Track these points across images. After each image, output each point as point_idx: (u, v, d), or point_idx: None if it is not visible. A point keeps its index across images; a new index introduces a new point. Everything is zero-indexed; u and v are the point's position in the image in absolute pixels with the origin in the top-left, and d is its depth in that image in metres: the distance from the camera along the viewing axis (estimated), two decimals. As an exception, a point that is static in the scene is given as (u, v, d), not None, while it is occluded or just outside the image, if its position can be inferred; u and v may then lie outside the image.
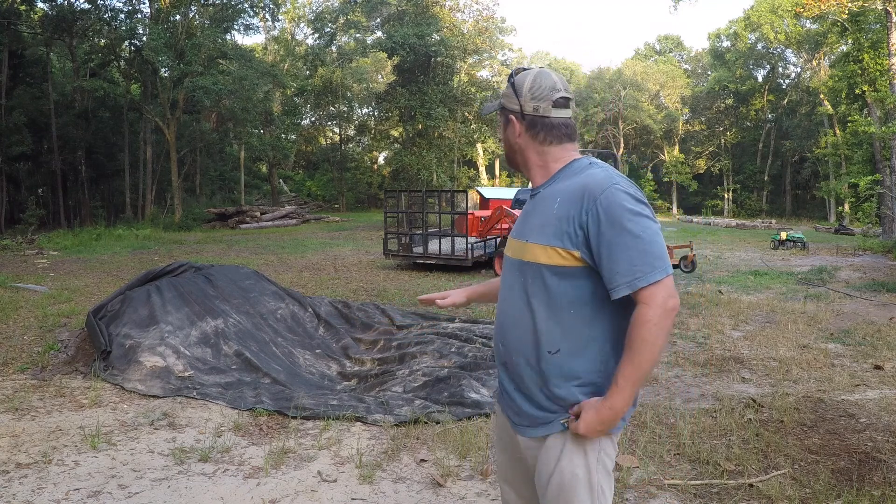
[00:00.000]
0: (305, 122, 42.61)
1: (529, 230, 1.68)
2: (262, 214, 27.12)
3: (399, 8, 28.10)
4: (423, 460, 3.63)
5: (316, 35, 32.15)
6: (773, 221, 35.43)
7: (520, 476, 1.83)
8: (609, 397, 1.54)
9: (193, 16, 27.12)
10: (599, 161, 1.69)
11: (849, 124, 22.42)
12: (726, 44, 47.56)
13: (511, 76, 1.74)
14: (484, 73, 41.91)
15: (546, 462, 1.65)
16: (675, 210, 47.52)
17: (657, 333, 1.49)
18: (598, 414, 1.55)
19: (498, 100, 1.78)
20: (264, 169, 38.80)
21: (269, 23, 36.28)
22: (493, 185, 43.97)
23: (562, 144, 1.70)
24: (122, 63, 29.80)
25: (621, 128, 48.52)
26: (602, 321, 1.59)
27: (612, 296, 1.54)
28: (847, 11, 21.22)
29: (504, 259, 1.81)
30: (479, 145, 42.63)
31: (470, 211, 13.59)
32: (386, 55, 29.60)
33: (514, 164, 1.80)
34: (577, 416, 1.59)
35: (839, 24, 23.46)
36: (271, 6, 29.99)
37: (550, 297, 1.60)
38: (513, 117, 1.70)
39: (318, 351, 5.77)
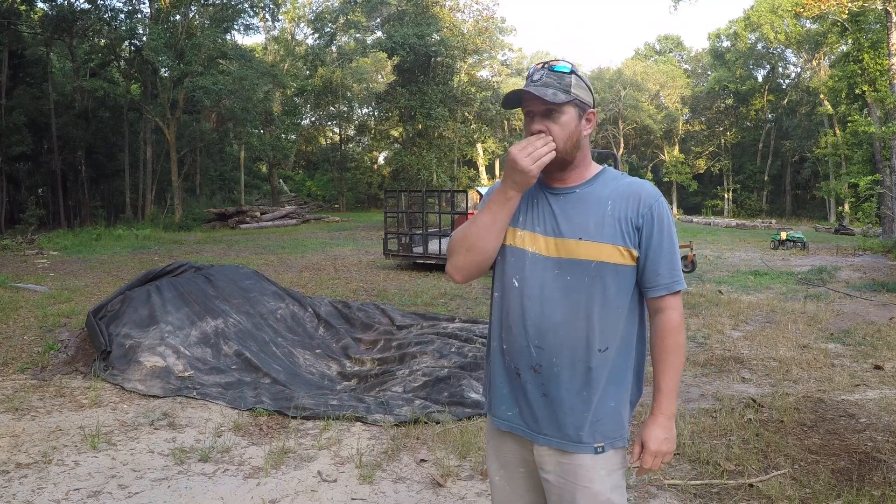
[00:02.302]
0: (305, 122, 42.59)
1: (573, 228, 1.64)
2: (262, 214, 27.08)
3: (399, 8, 28.08)
4: (423, 460, 3.63)
5: (316, 35, 32.12)
6: (773, 221, 35.37)
7: (521, 491, 1.80)
8: (665, 409, 1.68)
9: (193, 16, 27.10)
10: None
11: (849, 124, 22.41)
12: (726, 44, 47.55)
13: (573, 71, 1.67)
14: (484, 73, 41.94)
15: (572, 480, 1.66)
16: (675, 210, 47.45)
17: (683, 336, 1.69)
18: (664, 430, 1.67)
19: (564, 92, 1.63)
20: (264, 169, 38.77)
21: (269, 23, 36.31)
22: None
23: None
24: (122, 63, 29.77)
25: (621, 128, 48.51)
26: (634, 318, 1.71)
27: (648, 294, 1.68)
28: (847, 11, 21.21)
29: (522, 256, 1.69)
30: (479, 145, 42.58)
31: (470, 211, 13.57)
32: (386, 55, 29.58)
33: (565, 165, 1.68)
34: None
35: (839, 24, 23.45)
36: (271, 6, 29.97)
37: (608, 295, 1.64)
38: (593, 111, 1.73)
39: (318, 351, 5.77)
